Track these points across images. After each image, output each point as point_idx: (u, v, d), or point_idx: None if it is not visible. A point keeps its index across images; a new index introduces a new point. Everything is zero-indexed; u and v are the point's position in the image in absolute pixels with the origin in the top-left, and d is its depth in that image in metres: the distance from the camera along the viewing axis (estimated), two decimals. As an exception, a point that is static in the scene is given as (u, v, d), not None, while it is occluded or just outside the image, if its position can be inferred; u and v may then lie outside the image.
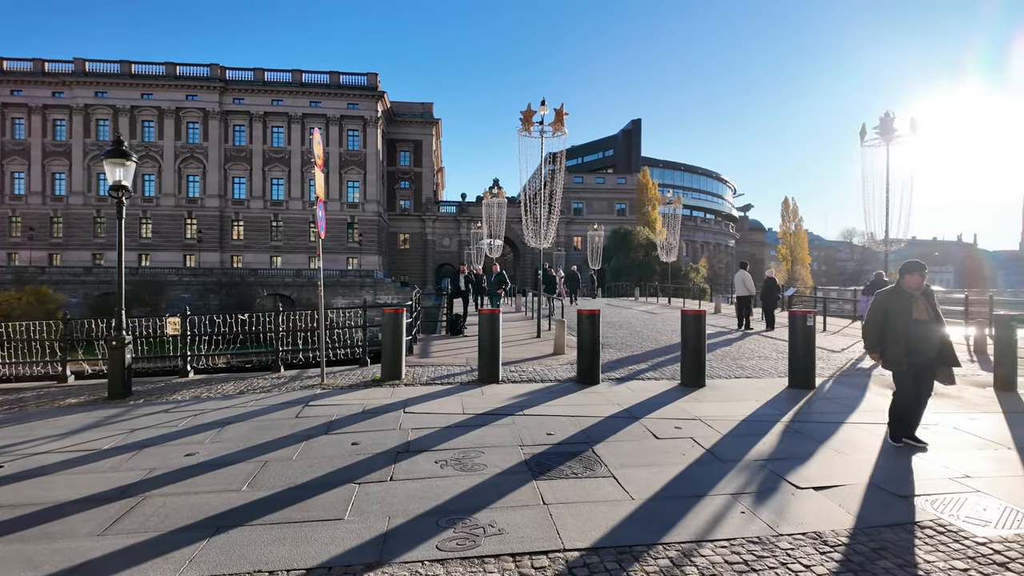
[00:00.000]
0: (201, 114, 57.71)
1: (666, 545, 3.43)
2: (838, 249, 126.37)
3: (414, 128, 65.50)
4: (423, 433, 5.78)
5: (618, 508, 3.97)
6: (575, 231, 65.41)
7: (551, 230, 14.24)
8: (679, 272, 48.57)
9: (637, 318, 19.42)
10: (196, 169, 58.08)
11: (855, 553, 3.36)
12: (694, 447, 5.38)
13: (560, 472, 4.67)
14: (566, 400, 7.31)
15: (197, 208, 58.01)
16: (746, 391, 7.95)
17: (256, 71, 58.89)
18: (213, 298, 42.54)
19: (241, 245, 58.85)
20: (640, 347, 12.30)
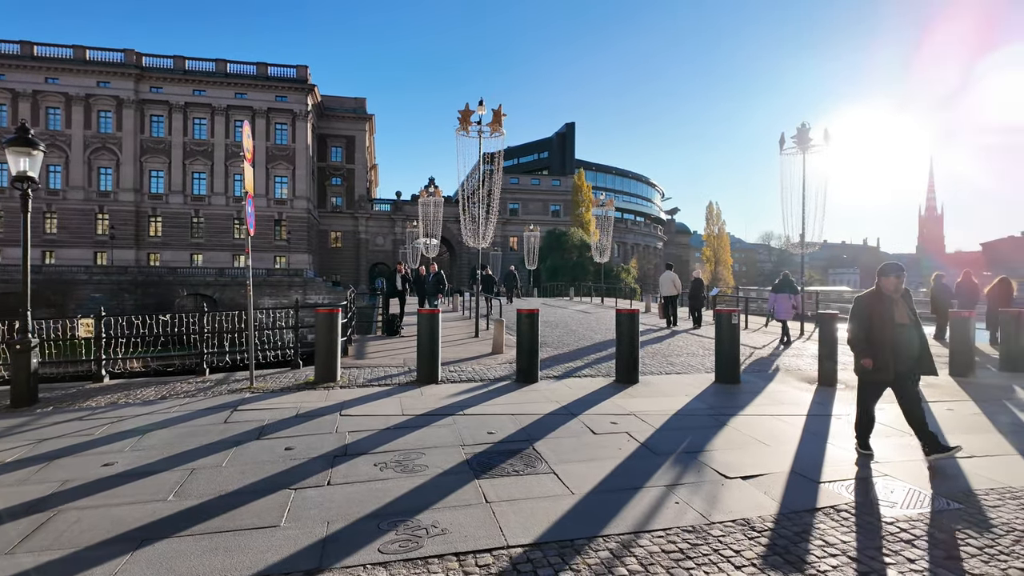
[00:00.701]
0: (114, 102, 53.90)
1: (606, 537, 3.53)
2: (757, 251, 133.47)
3: (346, 123, 63.89)
4: (361, 436, 5.67)
5: (559, 503, 4.04)
6: (511, 231, 65.82)
7: (489, 230, 14.27)
8: (611, 272, 49.80)
9: (573, 317, 19.77)
10: (109, 161, 54.19)
11: (780, 537, 3.57)
12: (630, 441, 5.55)
13: (502, 470, 4.70)
14: (506, 399, 7.36)
15: (110, 202, 54.15)
16: (677, 387, 8.27)
17: (176, 59, 55.66)
18: (128, 298, 39.86)
19: (159, 242, 55.47)
20: (576, 345, 12.54)
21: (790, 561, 3.26)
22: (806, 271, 16.76)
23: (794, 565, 3.22)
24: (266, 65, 57.31)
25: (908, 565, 3.23)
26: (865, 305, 5.15)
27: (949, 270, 29.00)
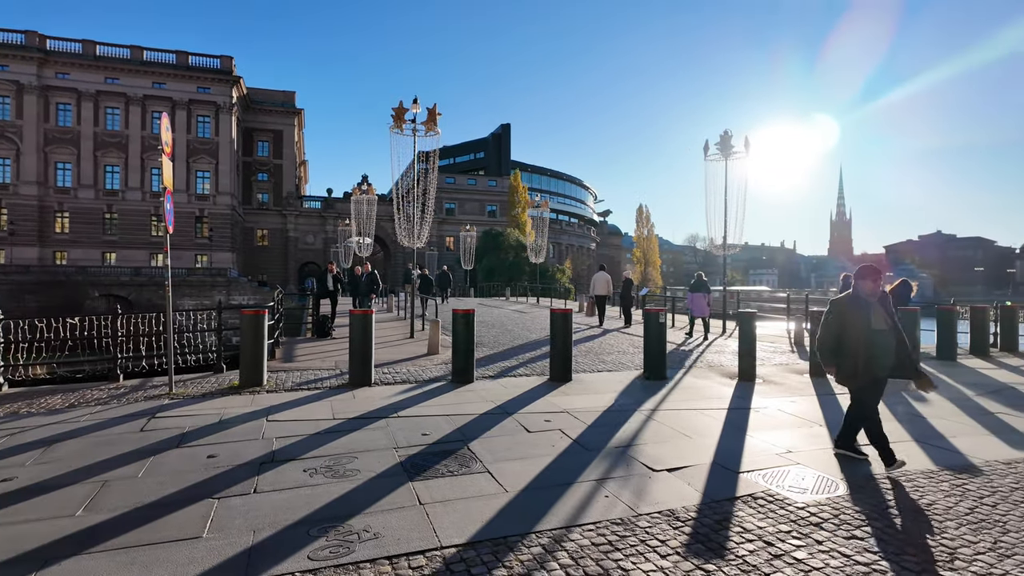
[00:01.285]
0: (13, 87, 49.50)
1: (538, 533, 3.60)
2: (684, 253, 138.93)
3: (274, 117, 61.51)
4: (290, 441, 5.50)
5: (493, 502, 4.08)
6: (447, 231, 65.45)
7: (424, 230, 14.16)
8: (547, 273, 50.49)
9: (509, 317, 19.91)
10: (7, 151, 49.69)
11: (702, 526, 3.76)
12: (562, 438, 5.67)
13: (436, 472, 4.69)
14: (441, 399, 7.34)
15: (8, 196, 49.69)
16: (608, 383, 8.50)
17: (86, 43, 51.77)
18: (30, 299, 36.78)
19: (67, 239, 51.41)
20: (512, 345, 12.64)
21: (711, 548, 3.44)
22: (728, 272, 17.61)
23: (715, 552, 3.40)
24: (187, 54, 54.33)
25: (816, 546, 3.47)
26: (840, 311, 4.91)
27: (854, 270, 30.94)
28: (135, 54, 52.88)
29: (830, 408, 7.21)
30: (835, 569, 3.20)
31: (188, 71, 53.87)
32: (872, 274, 4.90)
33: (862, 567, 3.23)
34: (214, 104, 54.57)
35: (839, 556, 3.35)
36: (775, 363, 10.82)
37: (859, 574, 3.15)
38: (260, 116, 61.00)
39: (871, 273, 4.92)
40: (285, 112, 61.85)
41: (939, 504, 4.13)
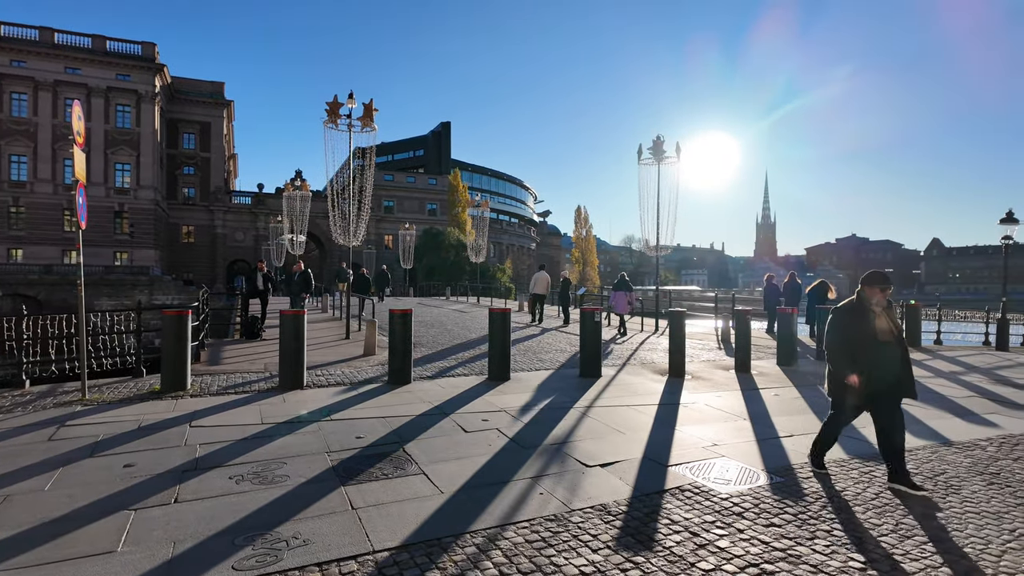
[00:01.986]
0: (-102, 65, 44.99)
1: (473, 533, 3.60)
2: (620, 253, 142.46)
3: (201, 109, 58.59)
4: (215, 448, 5.27)
5: (428, 503, 4.05)
6: (386, 229, 64.33)
7: (361, 227, 13.88)
8: (488, 272, 50.53)
9: (448, 317, 19.80)
10: None
11: (632, 519, 3.87)
12: (499, 437, 5.70)
13: (370, 475, 4.61)
14: (377, 401, 7.22)
15: None
16: (545, 382, 8.60)
17: (-14, 21, 47.66)
18: (-82, 300, 33.51)
19: (-37, 234, 47.18)
20: (451, 345, 12.58)
21: (641, 540, 3.55)
22: (662, 272, 18.18)
23: (644, 544, 3.51)
24: (104, 39, 50.87)
25: (738, 535, 3.64)
26: (845, 320, 4.58)
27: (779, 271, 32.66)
28: (44, 36, 49.03)
29: (753, 402, 7.58)
30: (755, 556, 3.37)
31: (106, 57, 50.47)
32: (880, 281, 4.51)
33: (779, 552, 3.41)
34: (135, 93, 51.37)
35: (759, 543, 3.53)
36: (703, 359, 11.27)
37: (776, 559, 3.33)
38: (186, 107, 57.97)
39: (879, 280, 4.51)
40: (213, 103, 59.05)
41: (849, 491, 4.42)
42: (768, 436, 5.96)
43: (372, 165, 13.50)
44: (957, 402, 7.84)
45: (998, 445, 5.76)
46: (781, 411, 7.09)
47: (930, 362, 11.72)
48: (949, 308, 20.50)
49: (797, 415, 6.92)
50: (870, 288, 4.54)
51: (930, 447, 5.66)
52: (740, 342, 10.15)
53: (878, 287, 4.51)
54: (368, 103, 12.82)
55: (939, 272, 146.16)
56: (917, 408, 7.35)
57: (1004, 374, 10.47)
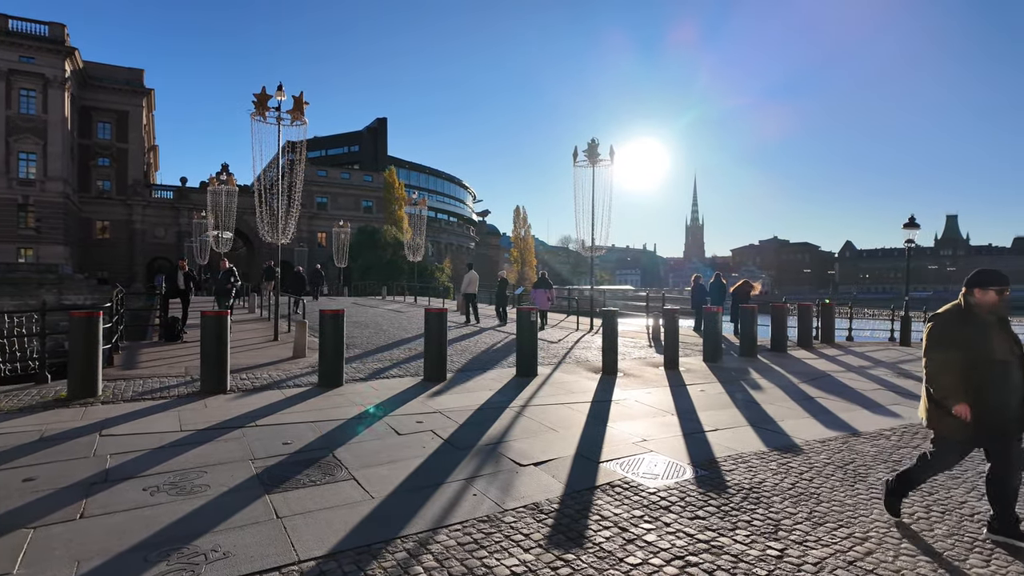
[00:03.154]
0: None
1: (404, 538, 3.54)
2: (558, 253, 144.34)
3: (118, 97, 54.84)
4: (127, 458, 4.94)
5: (358, 509, 3.95)
6: (319, 226, 62.44)
7: (291, 224, 13.41)
8: (426, 271, 49.97)
9: (384, 317, 19.44)
10: None
11: (564, 516, 3.91)
12: (434, 439, 5.63)
13: (297, 482, 4.45)
14: (306, 405, 6.98)
15: None
16: (482, 382, 8.59)
17: None
18: None
19: None
20: (386, 346, 12.36)
21: (571, 537, 3.59)
22: (597, 272, 18.55)
23: (574, 541, 3.55)
24: (6, 17, 46.73)
25: (665, 528, 3.75)
26: (950, 332, 3.56)
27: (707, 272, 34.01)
28: (-68, 9, 44.54)
29: (681, 398, 7.84)
30: (680, 548, 3.48)
31: (8, 36, 46.35)
32: (996, 281, 3.50)
33: (703, 544, 3.54)
34: (41, 77, 47.43)
35: (684, 536, 3.64)
36: (635, 357, 11.58)
37: (700, 551, 3.45)
38: (101, 94, 54.09)
39: (995, 280, 3.51)
40: (131, 91, 55.40)
41: (768, 482, 4.65)
42: (694, 431, 6.17)
43: (303, 160, 13.05)
44: (866, 395, 8.40)
45: (900, 434, 6.20)
46: (706, 406, 7.38)
47: (842, 357, 12.51)
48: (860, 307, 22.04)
49: (721, 410, 7.21)
50: (982, 291, 3.52)
51: (841, 438, 6.03)
52: (669, 340, 10.49)
53: (993, 289, 3.49)
54: (298, 96, 12.39)
55: (851, 273, 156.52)
56: (830, 401, 7.83)
57: (906, 368, 11.31)
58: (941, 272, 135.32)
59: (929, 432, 3.94)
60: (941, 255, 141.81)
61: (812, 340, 14.53)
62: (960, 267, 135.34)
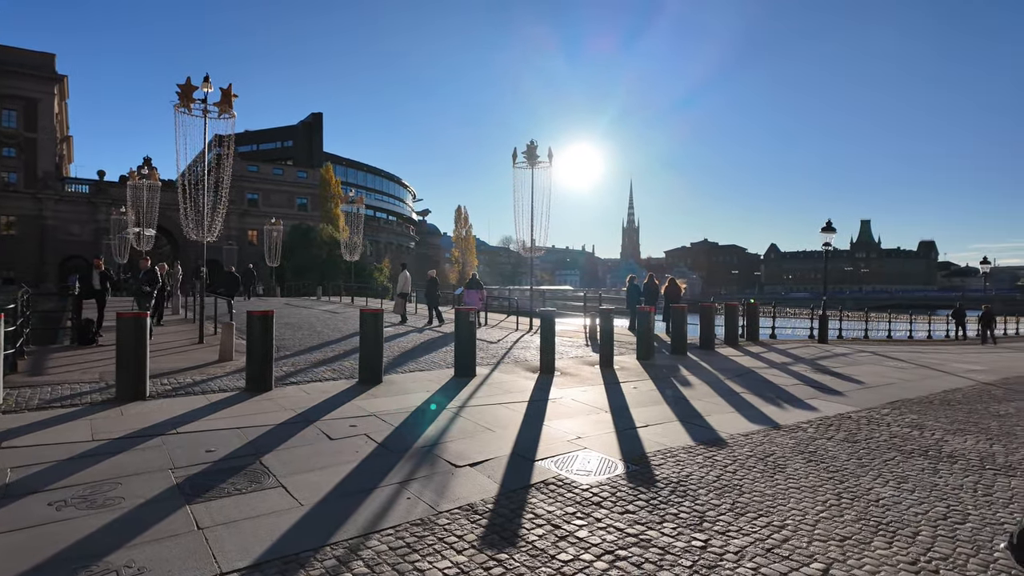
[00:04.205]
0: None
1: (334, 545, 3.45)
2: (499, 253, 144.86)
3: (26, 83, 50.69)
4: (32, 471, 4.58)
5: (286, 517, 3.83)
6: (250, 224, 60.02)
7: (218, 222, 12.84)
8: (363, 271, 48.96)
9: (318, 318, 18.90)
10: None
11: (499, 516, 3.93)
12: (367, 443, 5.53)
13: (221, 491, 4.26)
14: (232, 411, 6.70)
15: None
16: (419, 383, 8.51)
17: None
18: None
19: None
20: (320, 348, 12.03)
21: (505, 537, 3.61)
22: (538, 272, 18.73)
23: (508, 540, 3.57)
24: None
25: (596, 524, 3.83)
26: None
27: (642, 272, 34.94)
28: None
29: (615, 396, 8.04)
30: (610, 543, 3.56)
31: None
32: None
33: (632, 538, 3.64)
34: (-68, 56, 43.35)
35: (614, 531, 3.74)
36: (572, 356, 11.77)
37: (630, 544, 3.55)
38: (5, 80, 49.87)
39: None
40: (40, 77, 51.35)
41: (695, 475, 4.83)
42: (626, 427, 6.34)
43: (231, 155, 12.52)
44: (786, 389, 8.87)
45: (816, 427, 6.59)
46: (638, 403, 7.59)
47: (766, 354, 13.17)
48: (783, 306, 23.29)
49: (652, 406, 7.44)
50: None
51: (763, 431, 6.34)
52: (604, 339, 10.72)
53: None
54: (227, 88, 11.87)
55: (776, 274, 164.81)
56: (753, 396, 8.22)
57: (823, 363, 12.03)
58: (856, 273, 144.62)
59: (844, 420, 4.17)
60: (856, 257, 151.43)
61: (738, 338, 15.22)
62: (873, 269, 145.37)
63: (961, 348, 19.94)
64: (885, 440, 6.04)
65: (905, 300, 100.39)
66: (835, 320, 19.84)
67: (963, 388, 9.45)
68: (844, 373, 10.73)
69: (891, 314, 29.25)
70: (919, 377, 10.73)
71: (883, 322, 25.04)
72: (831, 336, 18.26)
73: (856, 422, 6.80)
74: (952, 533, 3.76)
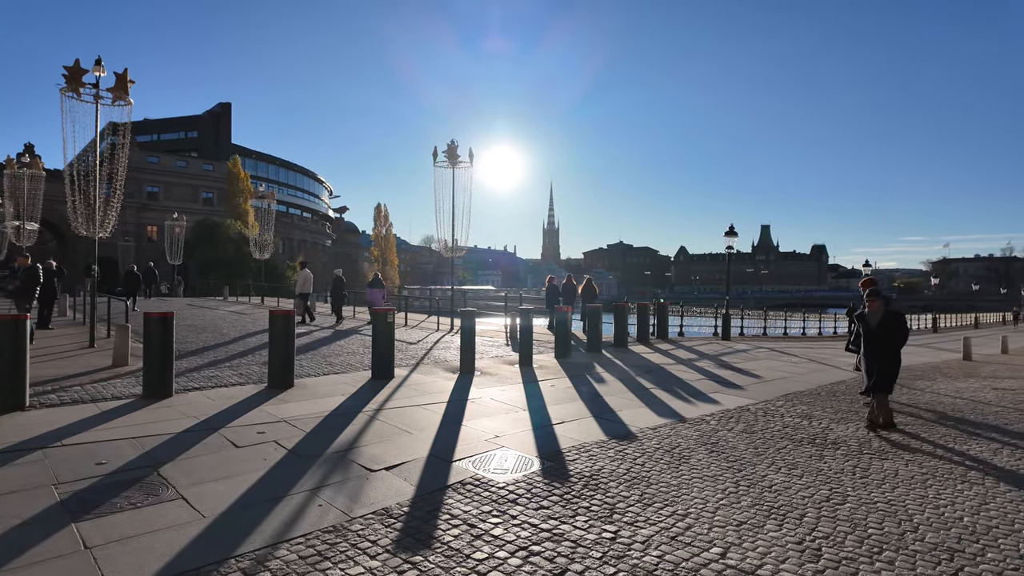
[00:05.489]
0: None
1: (239, 557, 3.31)
2: (420, 253, 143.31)
3: None
4: None
5: (186, 531, 3.62)
6: (150, 219, 55.79)
7: (112, 216, 11.90)
8: (276, 270, 46.86)
9: (224, 319, 17.91)
10: None
11: (414, 519, 3.90)
12: (277, 449, 5.32)
13: (113, 506, 3.96)
14: (127, 419, 6.23)
15: None
16: (334, 387, 8.28)
17: None
18: None
19: None
20: (226, 351, 11.42)
21: (420, 540, 3.60)
22: (460, 272, 18.71)
23: (423, 543, 3.56)
24: None
25: (511, 521, 3.90)
26: None
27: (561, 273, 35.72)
28: None
29: (533, 394, 8.19)
30: (525, 539, 3.63)
31: None
32: None
33: (546, 533, 3.73)
34: None
35: (529, 527, 3.81)
36: (492, 356, 11.86)
37: (543, 540, 3.64)
38: None
39: None
40: None
41: (606, 469, 5.01)
42: (543, 424, 6.48)
43: (127, 144, 11.64)
44: (692, 384, 9.37)
45: (718, 419, 7.01)
46: (555, 400, 7.77)
47: (674, 351, 13.85)
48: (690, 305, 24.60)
49: (568, 403, 7.65)
50: None
51: (670, 424, 6.68)
52: (524, 339, 10.88)
53: None
54: (122, 73, 11.02)
55: (685, 275, 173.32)
56: (662, 392, 8.62)
57: (726, 359, 12.81)
58: (757, 275, 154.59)
59: (743, 413, 4.50)
60: (757, 259, 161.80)
61: (649, 336, 15.91)
62: (772, 270, 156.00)
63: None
64: (779, 430, 6.53)
65: (800, 300, 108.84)
66: (737, 318, 21.11)
67: (846, 380, 10.36)
68: (744, 368, 11.48)
69: (787, 312, 31.60)
70: (809, 371, 11.66)
71: (780, 320, 26.97)
72: (734, 333, 19.44)
73: (754, 414, 7.31)
74: (833, 513, 4.13)
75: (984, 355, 16.50)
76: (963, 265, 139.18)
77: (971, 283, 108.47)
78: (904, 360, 7.24)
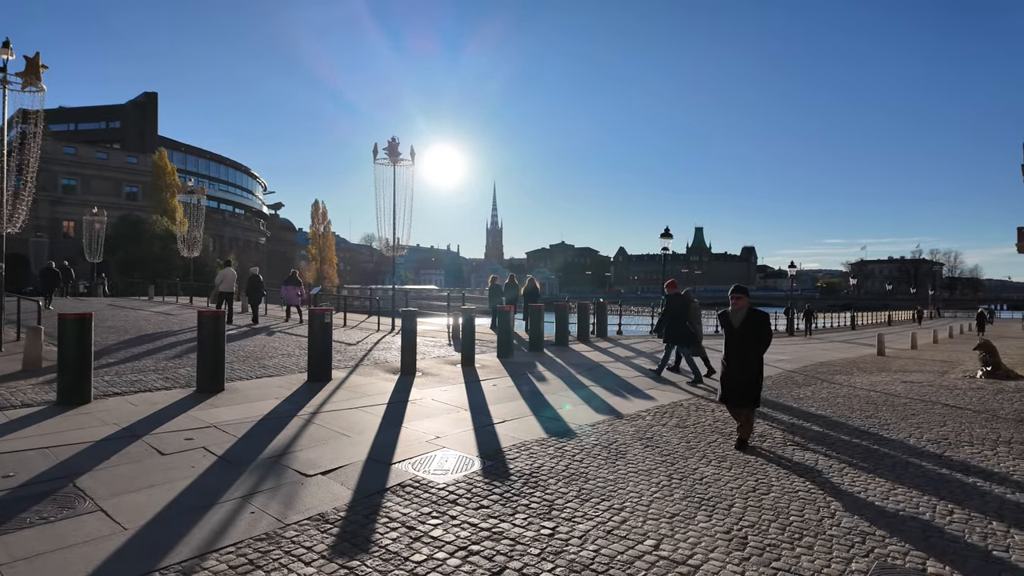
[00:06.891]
0: None
1: (164, 570, 3.15)
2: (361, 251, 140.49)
3: None
4: None
5: (105, 545, 3.42)
6: (66, 214, 52.13)
7: (21, 209, 11.06)
8: (206, 269, 44.75)
9: (149, 320, 16.98)
10: None
11: (351, 523, 3.83)
12: (206, 456, 5.10)
13: (21, 521, 3.69)
14: (39, 428, 5.82)
15: None
16: (267, 390, 8.00)
17: None
18: None
19: None
20: (151, 354, 10.83)
21: (357, 544, 3.54)
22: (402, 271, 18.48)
23: (361, 547, 3.50)
24: None
25: (451, 522, 3.89)
26: None
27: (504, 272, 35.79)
28: None
29: (474, 394, 8.20)
30: (464, 539, 3.64)
31: None
32: None
33: (486, 532, 3.74)
34: None
35: (469, 527, 3.82)
36: (434, 356, 11.77)
37: (483, 539, 3.65)
38: None
39: None
40: None
41: (546, 466, 5.08)
42: (484, 424, 6.50)
43: (39, 133, 10.85)
44: (629, 381, 9.62)
45: (654, 415, 7.23)
46: (497, 400, 7.81)
47: (613, 349, 14.18)
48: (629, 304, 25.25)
49: (509, 402, 7.70)
50: None
51: (608, 421, 6.83)
52: (466, 338, 10.87)
53: None
54: (33, 57, 10.26)
55: (624, 275, 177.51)
56: (601, 389, 8.81)
57: (661, 356, 13.20)
58: (691, 275, 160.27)
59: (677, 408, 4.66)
60: (691, 260, 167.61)
61: (589, 334, 16.21)
62: (705, 271, 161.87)
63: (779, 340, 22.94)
64: (709, 424, 6.80)
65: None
66: (674, 317, 21.78)
67: (772, 376, 10.90)
68: (678, 365, 11.87)
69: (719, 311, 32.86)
70: (739, 367, 12.17)
71: (713, 318, 28.05)
72: (670, 332, 20.05)
73: (687, 409, 7.58)
74: (759, 503, 4.35)
75: (896, 350, 17.74)
76: (878, 266, 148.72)
77: (885, 283, 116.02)
78: (825, 356, 7.71)
